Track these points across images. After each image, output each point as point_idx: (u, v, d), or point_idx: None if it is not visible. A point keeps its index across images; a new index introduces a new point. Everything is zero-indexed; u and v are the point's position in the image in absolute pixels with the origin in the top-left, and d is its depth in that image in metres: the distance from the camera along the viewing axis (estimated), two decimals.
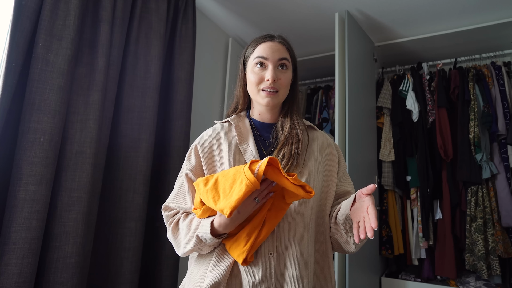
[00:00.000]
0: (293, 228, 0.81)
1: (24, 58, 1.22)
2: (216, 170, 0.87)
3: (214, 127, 0.95)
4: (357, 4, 2.07)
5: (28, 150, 1.17)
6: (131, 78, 1.62)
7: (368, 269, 2.04)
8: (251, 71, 0.89)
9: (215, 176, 0.77)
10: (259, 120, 0.94)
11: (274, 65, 0.87)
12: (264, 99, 0.87)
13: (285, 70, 0.89)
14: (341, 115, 1.95)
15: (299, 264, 0.78)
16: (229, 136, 0.90)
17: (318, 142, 0.94)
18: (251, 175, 0.67)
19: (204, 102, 2.22)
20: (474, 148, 2.13)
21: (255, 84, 0.88)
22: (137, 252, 1.51)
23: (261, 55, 0.88)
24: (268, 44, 0.89)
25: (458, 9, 2.08)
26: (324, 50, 2.65)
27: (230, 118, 0.94)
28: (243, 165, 0.73)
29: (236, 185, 0.70)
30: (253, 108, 0.96)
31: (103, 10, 1.47)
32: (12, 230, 1.12)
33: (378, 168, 2.37)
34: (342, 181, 0.94)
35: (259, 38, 0.92)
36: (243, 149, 0.87)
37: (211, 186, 0.74)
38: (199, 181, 0.79)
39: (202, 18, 2.21)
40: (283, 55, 0.89)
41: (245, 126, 0.93)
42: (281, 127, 0.91)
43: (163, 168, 1.74)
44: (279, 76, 0.87)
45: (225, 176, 0.74)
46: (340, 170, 0.94)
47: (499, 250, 1.98)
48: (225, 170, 0.79)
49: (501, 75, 2.23)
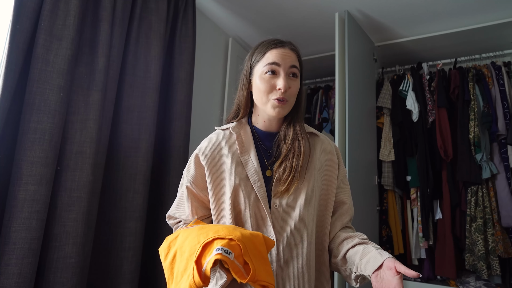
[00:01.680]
0: (293, 242, 0.81)
1: (24, 58, 1.22)
2: (222, 177, 0.85)
3: (214, 135, 0.92)
4: (357, 4, 2.07)
5: (28, 150, 1.17)
6: (131, 78, 1.62)
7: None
8: (261, 78, 0.84)
9: (175, 248, 0.74)
10: (262, 129, 0.91)
11: (285, 72, 0.83)
12: (275, 109, 0.83)
13: (295, 79, 0.86)
14: (341, 115, 1.95)
15: (300, 277, 0.78)
16: (231, 146, 0.87)
17: (319, 149, 0.92)
18: (197, 276, 0.63)
19: (204, 102, 2.22)
20: (474, 148, 2.13)
21: (265, 93, 0.83)
22: (137, 252, 1.51)
23: (274, 61, 0.83)
24: (280, 51, 0.84)
25: (458, 9, 2.07)
26: (324, 50, 2.65)
27: (231, 126, 0.89)
28: (198, 242, 0.68)
29: (184, 278, 0.67)
30: (257, 115, 0.91)
31: (103, 10, 1.47)
32: (12, 230, 1.12)
33: (378, 168, 2.37)
34: (340, 188, 0.92)
35: (269, 43, 0.87)
36: (245, 160, 0.85)
37: (168, 264, 0.74)
38: (161, 249, 0.78)
39: (202, 18, 2.21)
40: (294, 63, 0.85)
41: (247, 135, 0.89)
42: (284, 138, 0.88)
43: (163, 168, 1.74)
44: (289, 84, 0.83)
45: (182, 253, 0.71)
46: (339, 177, 0.92)
47: (499, 250, 1.98)
48: (187, 235, 0.74)
49: (501, 75, 2.23)
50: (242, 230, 0.71)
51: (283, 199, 0.82)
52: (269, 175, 0.85)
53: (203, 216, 0.90)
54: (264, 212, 0.81)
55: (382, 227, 2.31)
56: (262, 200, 0.81)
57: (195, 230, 0.74)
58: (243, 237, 0.68)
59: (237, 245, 0.66)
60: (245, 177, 0.83)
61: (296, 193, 0.83)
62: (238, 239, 0.67)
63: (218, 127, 0.94)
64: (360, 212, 1.94)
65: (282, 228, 0.81)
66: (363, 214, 2.00)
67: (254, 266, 0.65)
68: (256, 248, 0.69)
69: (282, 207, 0.82)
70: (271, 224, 0.80)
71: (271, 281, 0.66)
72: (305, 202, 0.82)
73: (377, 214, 2.26)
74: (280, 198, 0.82)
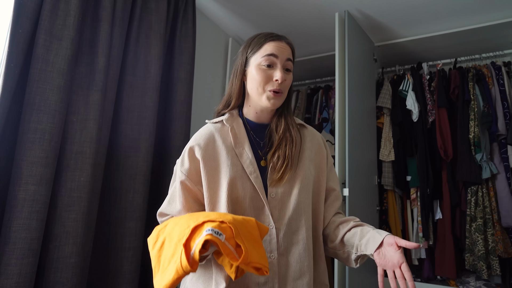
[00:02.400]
0: (292, 229, 0.83)
1: (24, 58, 1.22)
2: (217, 169, 0.85)
3: (206, 128, 0.91)
4: (357, 4, 2.07)
5: (28, 150, 1.17)
6: (131, 78, 1.62)
7: (368, 269, 2.03)
8: (258, 68, 0.86)
9: (163, 236, 0.72)
10: (254, 120, 0.93)
11: (282, 65, 0.86)
12: (270, 101, 0.85)
13: (289, 72, 0.89)
14: (341, 115, 1.95)
15: (300, 262, 0.81)
16: (224, 138, 0.88)
17: (309, 139, 0.95)
18: (185, 259, 0.60)
19: (204, 102, 2.22)
20: (474, 148, 2.13)
21: (261, 84, 0.85)
22: (137, 252, 1.51)
23: (272, 53, 0.85)
24: (277, 44, 0.87)
25: (458, 9, 2.07)
26: (324, 50, 2.65)
27: (224, 118, 0.90)
28: (188, 226, 0.65)
29: (171, 263, 0.64)
30: (248, 106, 0.92)
31: (103, 10, 1.47)
32: (12, 230, 1.12)
33: (378, 168, 2.37)
34: (329, 177, 0.95)
35: (266, 35, 0.89)
36: (239, 152, 0.86)
37: (156, 252, 0.70)
38: (149, 239, 0.76)
39: (202, 18, 2.21)
40: (290, 56, 0.88)
41: (240, 127, 0.90)
42: (275, 128, 0.90)
43: (163, 168, 1.74)
44: (284, 77, 0.86)
45: (171, 239, 0.68)
46: (328, 165, 0.96)
47: (499, 250, 1.98)
48: (177, 221, 0.72)
49: (501, 75, 2.23)
50: (234, 216, 0.69)
51: (279, 188, 0.84)
52: (264, 165, 0.87)
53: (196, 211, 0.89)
54: (262, 202, 0.83)
55: (382, 227, 2.31)
56: (259, 190, 0.83)
57: (185, 217, 0.73)
58: (234, 220, 0.66)
59: (228, 227, 0.64)
60: (241, 168, 0.84)
61: (291, 181, 0.86)
62: (229, 222, 0.65)
63: (209, 121, 0.94)
64: (360, 212, 1.94)
65: (280, 216, 0.83)
66: (363, 214, 2.00)
67: (246, 247, 0.62)
68: (248, 232, 0.67)
69: (278, 196, 0.84)
70: (269, 213, 0.82)
71: (265, 263, 0.64)
72: (300, 189, 0.85)
73: (377, 214, 2.26)
74: (276, 187, 0.84)
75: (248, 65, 0.89)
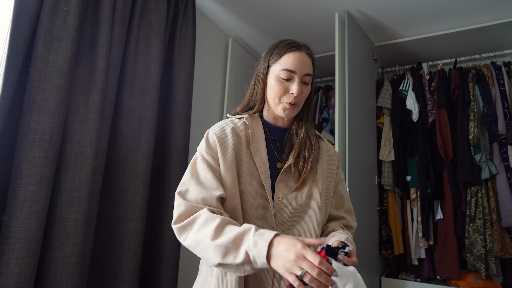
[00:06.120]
0: (294, 235, 0.83)
1: (24, 58, 1.22)
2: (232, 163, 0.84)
3: (228, 121, 0.94)
4: (357, 4, 2.07)
5: (28, 150, 1.17)
6: (131, 78, 1.62)
7: (368, 269, 2.03)
8: (276, 80, 0.88)
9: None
10: (272, 123, 0.95)
11: (300, 79, 0.87)
12: (285, 111, 0.89)
13: (307, 85, 0.91)
14: (341, 115, 1.95)
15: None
16: (243, 134, 0.90)
17: (324, 151, 0.98)
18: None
19: (204, 102, 2.22)
20: (474, 149, 2.13)
21: (278, 95, 0.88)
22: (137, 252, 1.51)
23: (290, 69, 0.86)
24: (297, 56, 0.88)
25: (458, 9, 2.07)
26: (324, 50, 2.65)
27: (245, 116, 0.93)
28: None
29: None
30: (267, 110, 0.96)
31: (103, 10, 1.46)
32: (12, 230, 1.11)
33: (378, 168, 2.37)
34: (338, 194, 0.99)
35: (287, 45, 0.90)
36: (254, 150, 0.88)
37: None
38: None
39: (202, 18, 2.21)
40: (309, 71, 0.89)
41: (258, 127, 0.93)
42: (296, 132, 0.93)
43: (163, 168, 1.74)
44: (301, 89, 0.88)
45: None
46: (336, 180, 0.99)
47: (494, 250, 1.98)
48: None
49: (501, 75, 2.23)
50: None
51: (286, 192, 0.86)
52: (280, 167, 0.89)
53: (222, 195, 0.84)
54: (268, 202, 0.84)
55: (382, 227, 2.31)
56: (267, 190, 0.84)
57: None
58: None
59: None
60: (253, 165, 0.86)
61: (306, 187, 0.88)
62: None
63: (230, 115, 0.98)
64: (360, 212, 1.94)
65: (283, 219, 0.84)
66: (363, 214, 2.00)
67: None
68: None
69: (284, 200, 0.85)
70: (273, 214, 0.83)
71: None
72: (306, 196, 0.87)
73: (377, 214, 2.26)
74: (283, 191, 0.86)
75: (269, 74, 0.92)
